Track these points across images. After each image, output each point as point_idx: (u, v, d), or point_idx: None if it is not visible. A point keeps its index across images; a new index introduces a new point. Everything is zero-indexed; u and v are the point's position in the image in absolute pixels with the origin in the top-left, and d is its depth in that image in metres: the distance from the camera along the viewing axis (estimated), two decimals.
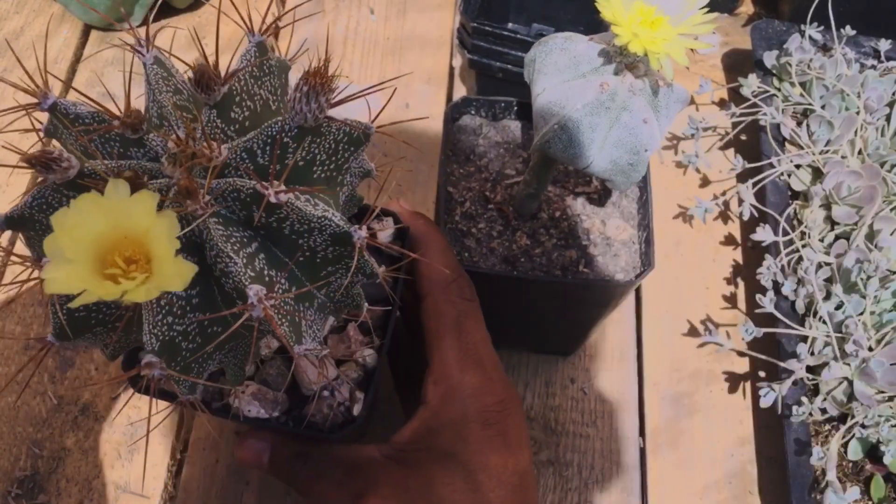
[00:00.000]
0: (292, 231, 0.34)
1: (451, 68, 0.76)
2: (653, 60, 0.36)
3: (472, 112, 0.56)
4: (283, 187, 0.32)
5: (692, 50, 0.37)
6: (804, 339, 0.57)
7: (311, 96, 0.33)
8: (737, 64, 0.77)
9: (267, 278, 0.34)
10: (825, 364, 0.56)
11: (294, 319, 0.34)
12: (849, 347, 0.55)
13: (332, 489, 0.41)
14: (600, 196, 0.54)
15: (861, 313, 0.56)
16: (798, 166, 0.66)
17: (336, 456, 0.42)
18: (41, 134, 0.36)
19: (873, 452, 0.55)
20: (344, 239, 0.34)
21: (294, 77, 0.36)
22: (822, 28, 0.70)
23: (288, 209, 0.33)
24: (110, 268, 0.29)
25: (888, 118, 0.66)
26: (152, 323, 0.32)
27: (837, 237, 0.62)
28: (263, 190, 0.32)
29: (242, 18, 0.37)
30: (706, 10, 0.38)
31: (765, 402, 0.56)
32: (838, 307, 0.57)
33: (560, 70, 0.40)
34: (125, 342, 0.37)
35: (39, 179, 0.33)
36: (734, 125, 0.71)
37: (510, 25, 0.72)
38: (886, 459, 0.53)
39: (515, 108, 0.56)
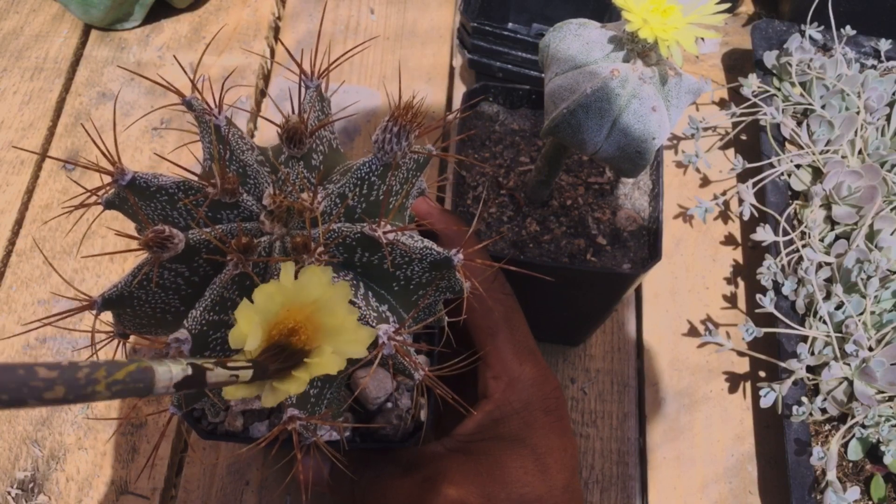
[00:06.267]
0: (391, 264, 0.34)
1: (452, 68, 0.76)
2: (662, 48, 0.36)
3: (490, 99, 0.56)
4: (389, 227, 0.33)
5: (696, 52, 0.37)
6: (804, 339, 0.57)
7: (401, 136, 0.33)
8: (737, 64, 0.77)
9: (383, 315, 0.35)
10: (825, 364, 0.56)
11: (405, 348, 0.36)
12: (849, 347, 0.55)
13: (397, 479, 0.42)
14: (612, 187, 0.54)
15: (861, 313, 0.56)
16: (798, 166, 0.66)
17: (398, 456, 0.43)
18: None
19: (873, 452, 0.55)
20: (444, 264, 0.35)
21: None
22: (822, 28, 0.70)
23: (393, 246, 0.33)
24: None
25: (888, 118, 0.66)
26: None
27: (837, 237, 0.62)
28: (372, 232, 0.32)
29: (298, 64, 0.36)
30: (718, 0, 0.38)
31: (765, 402, 0.56)
32: (838, 307, 0.57)
33: (572, 55, 0.40)
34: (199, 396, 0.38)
35: (145, 257, 0.32)
36: (734, 125, 0.71)
37: (510, 25, 0.72)
38: (886, 459, 0.53)
39: (533, 96, 0.56)
